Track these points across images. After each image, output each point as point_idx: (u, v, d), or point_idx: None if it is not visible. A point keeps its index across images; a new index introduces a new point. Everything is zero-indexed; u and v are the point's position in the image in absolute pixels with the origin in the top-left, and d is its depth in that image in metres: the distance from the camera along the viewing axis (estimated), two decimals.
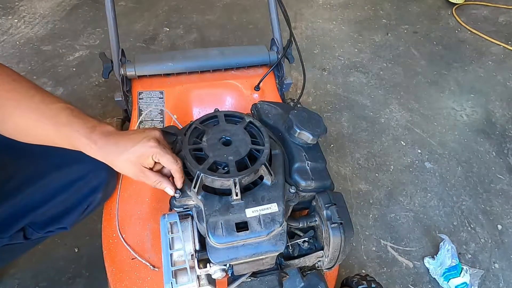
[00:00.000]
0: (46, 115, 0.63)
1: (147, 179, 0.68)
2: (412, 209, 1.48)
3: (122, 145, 0.65)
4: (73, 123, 0.63)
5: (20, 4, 2.25)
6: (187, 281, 0.67)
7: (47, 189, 0.79)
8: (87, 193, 0.84)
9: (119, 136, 0.65)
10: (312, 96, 1.87)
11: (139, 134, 0.66)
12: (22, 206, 0.77)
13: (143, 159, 0.66)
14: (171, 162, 0.67)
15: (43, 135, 0.65)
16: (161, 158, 0.66)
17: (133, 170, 0.67)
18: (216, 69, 1.14)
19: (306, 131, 0.75)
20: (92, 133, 0.63)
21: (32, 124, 0.63)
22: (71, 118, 0.63)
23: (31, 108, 0.63)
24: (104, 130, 0.65)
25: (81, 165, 0.83)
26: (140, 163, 0.66)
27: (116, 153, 0.64)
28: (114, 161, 0.66)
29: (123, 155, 0.64)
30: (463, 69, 2.13)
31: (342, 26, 2.34)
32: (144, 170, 0.67)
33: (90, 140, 0.63)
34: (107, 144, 0.64)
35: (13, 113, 0.62)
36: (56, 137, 0.64)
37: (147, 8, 2.32)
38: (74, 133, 0.63)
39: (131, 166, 0.66)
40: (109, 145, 0.64)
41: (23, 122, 0.63)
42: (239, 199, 0.65)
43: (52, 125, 0.63)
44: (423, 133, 1.76)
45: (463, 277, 1.22)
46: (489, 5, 2.61)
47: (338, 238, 0.69)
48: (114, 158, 0.65)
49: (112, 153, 0.65)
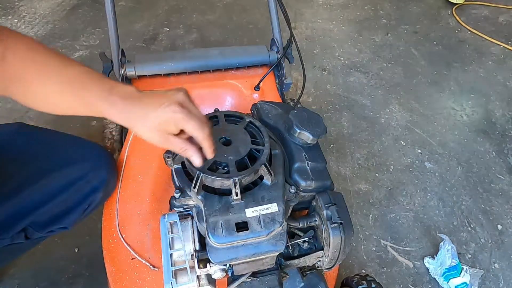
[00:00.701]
0: (63, 81, 0.59)
1: (173, 146, 0.62)
2: (412, 209, 1.48)
3: (142, 109, 0.58)
4: (90, 86, 0.58)
5: (20, 4, 2.25)
6: (187, 281, 0.67)
7: (48, 189, 0.79)
8: (88, 193, 0.85)
9: (139, 98, 0.59)
10: (312, 96, 1.87)
11: (160, 98, 0.59)
12: (23, 206, 0.77)
13: (165, 125, 0.59)
14: (197, 128, 0.59)
15: (64, 102, 0.61)
16: (185, 125, 0.59)
17: (156, 137, 0.60)
18: (216, 69, 1.14)
19: (306, 131, 0.75)
20: (110, 95, 0.58)
21: (51, 92, 0.60)
22: (88, 82, 0.59)
23: (49, 75, 0.59)
24: (123, 91, 0.59)
25: (82, 165, 0.83)
26: (164, 130, 0.60)
27: (136, 118, 0.59)
28: (135, 127, 0.60)
29: (144, 121, 0.58)
30: (463, 69, 2.13)
31: (342, 26, 2.34)
32: (168, 137, 0.60)
33: (108, 102, 0.58)
34: (126, 107, 0.58)
35: (32, 83, 0.59)
36: (75, 103, 0.60)
37: (147, 8, 2.32)
38: (92, 97, 0.58)
39: (154, 133, 0.60)
40: (129, 108, 0.58)
41: (43, 91, 0.60)
42: (239, 199, 0.65)
43: (70, 91, 0.59)
44: (423, 133, 1.76)
45: (463, 277, 1.22)
46: (489, 5, 2.61)
47: (338, 238, 0.69)
48: (135, 124, 0.59)
49: (132, 118, 0.59)
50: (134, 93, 0.60)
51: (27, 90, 0.60)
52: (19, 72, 0.58)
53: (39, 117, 1.61)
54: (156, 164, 0.96)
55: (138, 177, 0.95)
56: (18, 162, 0.78)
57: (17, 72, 0.59)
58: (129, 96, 0.59)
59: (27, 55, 0.59)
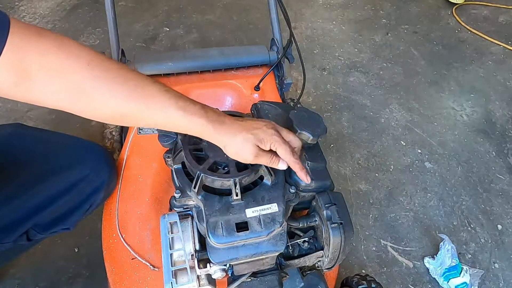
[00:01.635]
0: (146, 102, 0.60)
1: (262, 159, 0.67)
2: (412, 209, 1.48)
3: (243, 125, 0.65)
4: (184, 107, 0.61)
5: (20, 4, 2.25)
6: (187, 281, 0.67)
7: (49, 191, 0.79)
8: (90, 194, 0.85)
9: (232, 119, 0.66)
10: (312, 96, 1.87)
11: (256, 121, 0.68)
12: (25, 209, 0.76)
13: (261, 143, 0.65)
14: (288, 154, 0.66)
15: (150, 121, 0.63)
16: (278, 148, 0.65)
17: (251, 150, 0.65)
18: (216, 69, 1.14)
19: (306, 131, 0.75)
20: (207, 114, 0.63)
21: (130, 111, 0.60)
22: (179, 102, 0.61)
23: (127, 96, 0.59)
24: (215, 111, 0.65)
25: (83, 166, 0.83)
26: (257, 148, 0.65)
27: (232, 134, 0.64)
28: (230, 140, 0.64)
29: (241, 135, 0.64)
30: (463, 69, 2.13)
31: (342, 26, 2.34)
32: (259, 151, 0.66)
33: (207, 121, 0.62)
34: (224, 127, 0.64)
35: (107, 102, 0.58)
36: (164, 121, 0.62)
37: (147, 8, 2.32)
38: (188, 117, 0.61)
39: (250, 146, 0.64)
40: (226, 128, 0.64)
41: (120, 110, 0.59)
42: (239, 199, 0.65)
43: (159, 111, 0.60)
44: (423, 133, 1.76)
45: (463, 277, 1.22)
46: (489, 5, 2.61)
47: (338, 238, 0.69)
48: (229, 139, 0.64)
49: (228, 138, 0.64)
50: (224, 114, 0.66)
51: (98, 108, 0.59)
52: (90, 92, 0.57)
53: (39, 117, 1.61)
54: (156, 164, 0.96)
55: (138, 177, 0.95)
56: (18, 164, 0.78)
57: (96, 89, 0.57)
58: (221, 115, 0.65)
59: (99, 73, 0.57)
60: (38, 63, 0.52)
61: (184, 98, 0.62)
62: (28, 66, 0.51)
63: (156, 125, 0.64)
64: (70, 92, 0.56)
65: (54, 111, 1.64)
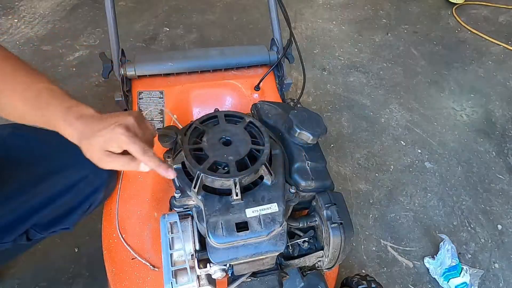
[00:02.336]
0: (27, 97, 0.62)
1: (114, 164, 0.62)
2: (412, 209, 1.48)
3: (91, 128, 0.61)
4: (51, 105, 0.61)
5: (20, 4, 2.25)
6: (187, 281, 0.67)
7: (49, 191, 0.79)
8: (89, 194, 0.84)
9: (92, 118, 0.62)
10: (312, 96, 1.87)
11: (110, 119, 0.62)
12: (25, 209, 0.76)
13: (109, 145, 0.61)
14: (138, 151, 0.61)
15: (24, 116, 0.64)
16: (128, 147, 0.61)
17: (96, 156, 0.62)
18: (216, 69, 1.14)
19: (306, 131, 0.75)
20: (68, 114, 0.61)
21: (12, 104, 0.62)
22: (50, 100, 0.62)
23: (13, 89, 0.62)
24: (80, 112, 0.61)
25: (82, 166, 0.83)
26: (105, 149, 0.61)
27: (85, 136, 0.61)
28: (83, 145, 0.62)
29: (89, 139, 0.60)
30: (463, 69, 2.13)
31: (342, 26, 2.34)
32: (109, 155, 0.62)
33: (65, 122, 0.60)
34: (79, 127, 0.61)
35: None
36: (36, 119, 0.63)
37: (147, 8, 2.32)
38: (52, 115, 0.61)
39: (93, 151, 0.61)
40: (81, 128, 0.60)
41: (4, 101, 0.62)
42: (239, 199, 0.65)
43: (31, 107, 0.62)
44: (423, 133, 1.76)
45: (463, 277, 1.22)
46: (489, 5, 2.61)
47: (338, 238, 0.69)
48: (82, 142, 0.61)
49: (82, 137, 0.61)
50: (90, 114, 0.62)
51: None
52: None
53: None
54: None
55: (138, 177, 0.95)
56: (18, 164, 0.78)
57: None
58: (84, 116, 0.61)
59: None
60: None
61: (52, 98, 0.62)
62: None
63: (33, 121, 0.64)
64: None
65: None
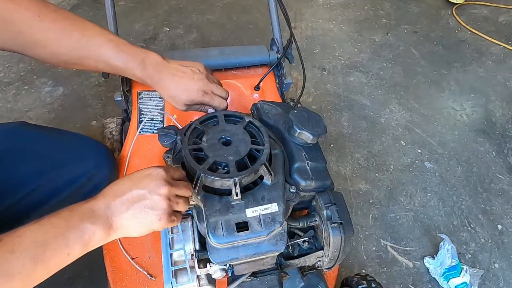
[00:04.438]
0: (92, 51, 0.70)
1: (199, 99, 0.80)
2: (412, 209, 1.48)
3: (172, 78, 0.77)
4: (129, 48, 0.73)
5: None
6: (187, 281, 0.67)
7: (51, 186, 0.79)
8: (91, 190, 0.85)
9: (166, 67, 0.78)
10: (312, 96, 1.87)
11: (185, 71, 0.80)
12: (27, 203, 0.77)
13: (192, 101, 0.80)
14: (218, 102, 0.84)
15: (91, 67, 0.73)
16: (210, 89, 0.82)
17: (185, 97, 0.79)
18: (216, 69, 1.14)
19: (306, 131, 0.75)
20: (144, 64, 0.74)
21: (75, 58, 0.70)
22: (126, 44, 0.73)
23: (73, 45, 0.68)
24: (153, 60, 0.76)
25: (84, 162, 0.83)
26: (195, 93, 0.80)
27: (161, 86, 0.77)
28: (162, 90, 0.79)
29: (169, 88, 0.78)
30: (463, 69, 2.13)
31: (342, 26, 2.34)
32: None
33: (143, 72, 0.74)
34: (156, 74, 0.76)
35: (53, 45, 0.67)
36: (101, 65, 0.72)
37: (147, 8, 2.32)
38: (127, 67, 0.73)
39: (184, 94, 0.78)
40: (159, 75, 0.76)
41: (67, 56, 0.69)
42: (239, 199, 0.65)
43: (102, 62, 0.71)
44: (423, 133, 1.76)
45: (463, 277, 1.22)
46: (489, 5, 2.61)
47: (338, 238, 0.69)
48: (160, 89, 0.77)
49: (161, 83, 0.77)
50: (163, 63, 0.77)
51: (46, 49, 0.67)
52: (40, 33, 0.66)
53: (39, 117, 1.61)
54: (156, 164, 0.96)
55: None
56: (20, 160, 0.78)
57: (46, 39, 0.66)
58: (159, 65, 0.76)
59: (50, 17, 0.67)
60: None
61: (123, 46, 0.72)
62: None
63: (101, 69, 0.74)
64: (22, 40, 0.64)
65: (54, 111, 1.64)
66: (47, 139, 0.84)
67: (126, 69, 0.73)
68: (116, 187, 0.60)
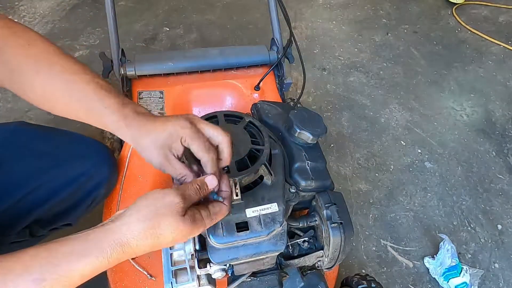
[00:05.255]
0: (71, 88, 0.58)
1: (172, 169, 0.58)
2: (412, 209, 1.48)
3: (152, 124, 0.56)
4: (102, 99, 0.57)
5: (20, 4, 2.25)
6: (187, 281, 0.67)
7: (51, 185, 0.79)
8: (91, 189, 0.85)
9: (150, 115, 0.58)
10: (312, 96, 1.87)
11: (172, 116, 0.58)
12: (28, 202, 0.77)
13: (170, 141, 0.56)
14: (202, 149, 0.56)
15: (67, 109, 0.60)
16: (191, 143, 0.56)
17: (156, 156, 0.56)
18: (216, 69, 1.14)
19: (306, 131, 0.75)
20: (124, 109, 0.56)
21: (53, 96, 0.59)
22: (99, 93, 0.57)
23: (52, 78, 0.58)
24: (136, 108, 0.58)
25: (84, 161, 0.83)
26: (167, 147, 0.56)
27: (143, 133, 0.56)
28: (140, 143, 0.57)
29: (149, 135, 0.56)
30: (463, 69, 2.13)
31: (342, 26, 2.34)
32: (170, 157, 0.57)
33: (120, 116, 0.56)
34: (136, 122, 0.56)
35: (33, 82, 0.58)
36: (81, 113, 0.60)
37: (147, 8, 2.32)
38: (103, 110, 0.57)
39: (154, 150, 0.56)
40: (138, 123, 0.56)
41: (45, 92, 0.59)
42: (239, 199, 0.65)
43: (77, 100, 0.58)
44: (423, 133, 1.76)
45: (463, 277, 1.22)
46: (489, 5, 2.60)
47: (338, 238, 0.69)
48: (140, 139, 0.56)
49: (139, 134, 0.56)
50: (147, 112, 0.59)
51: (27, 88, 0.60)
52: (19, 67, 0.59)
53: (39, 117, 1.61)
54: None
55: (138, 177, 0.95)
56: (20, 159, 0.78)
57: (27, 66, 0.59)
58: (141, 112, 0.58)
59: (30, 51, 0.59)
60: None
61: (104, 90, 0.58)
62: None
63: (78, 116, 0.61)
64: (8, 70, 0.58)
65: None
66: (46, 139, 0.84)
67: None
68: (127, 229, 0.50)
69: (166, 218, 0.50)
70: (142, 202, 0.52)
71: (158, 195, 0.52)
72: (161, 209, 0.51)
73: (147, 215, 0.50)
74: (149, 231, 0.50)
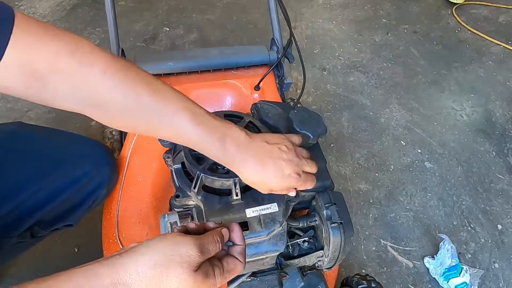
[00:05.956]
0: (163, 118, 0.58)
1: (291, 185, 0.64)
2: (412, 209, 1.48)
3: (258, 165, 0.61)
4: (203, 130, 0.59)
5: (20, 4, 2.25)
6: None
7: (52, 187, 0.79)
8: (92, 190, 0.85)
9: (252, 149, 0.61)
10: (312, 96, 1.87)
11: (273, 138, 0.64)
12: (29, 205, 0.77)
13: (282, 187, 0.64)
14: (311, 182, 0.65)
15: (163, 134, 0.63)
16: (300, 187, 0.65)
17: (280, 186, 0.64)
18: (216, 69, 1.14)
19: (306, 131, 0.75)
20: (224, 143, 0.60)
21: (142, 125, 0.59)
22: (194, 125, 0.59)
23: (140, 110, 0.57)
24: (236, 139, 0.61)
25: (84, 162, 0.83)
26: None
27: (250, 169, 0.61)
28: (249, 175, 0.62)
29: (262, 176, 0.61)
30: (463, 69, 2.13)
31: (342, 26, 2.34)
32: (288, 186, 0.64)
33: (221, 150, 0.60)
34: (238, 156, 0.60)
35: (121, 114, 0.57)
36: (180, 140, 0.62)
37: (147, 8, 2.32)
38: (204, 143, 0.60)
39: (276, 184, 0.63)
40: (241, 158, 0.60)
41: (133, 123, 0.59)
42: (239, 199, 0.65)
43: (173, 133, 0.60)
44: (423, 133, 1.76)
45: (463, 277, 1.22)
46: (489, 5, 2.60)
47: (338, 238, 0.69)
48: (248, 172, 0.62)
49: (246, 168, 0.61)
50: (247, 140, 0.61)
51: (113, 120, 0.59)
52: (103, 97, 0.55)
53: (39, 117, 1.61)
54: (156, 164, 0.96)
55: (138, 177, 0.95)
56: (19, 162, 0.78)
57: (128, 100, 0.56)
58: (242, 144, 0.61)
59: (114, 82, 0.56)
60: (48, 65, 0.50)
61: (201, 117, 0.60)
62: (38, 67, 0.50)
63: (170, 138, 0.62)
64: (83, 99, 0.54)
65: (54, 111, 1.63)
66: (45, 140, 0.84)
67: (200, 143, 0.60)
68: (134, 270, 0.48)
69: (176, 269, 0.47)
70: (160, 243, 0.49)
71: (177, 239, 0.50)
72: (176, 257, 0.48)
73: (158, 260, 0.47)
74: (155, 279, 0.47)
